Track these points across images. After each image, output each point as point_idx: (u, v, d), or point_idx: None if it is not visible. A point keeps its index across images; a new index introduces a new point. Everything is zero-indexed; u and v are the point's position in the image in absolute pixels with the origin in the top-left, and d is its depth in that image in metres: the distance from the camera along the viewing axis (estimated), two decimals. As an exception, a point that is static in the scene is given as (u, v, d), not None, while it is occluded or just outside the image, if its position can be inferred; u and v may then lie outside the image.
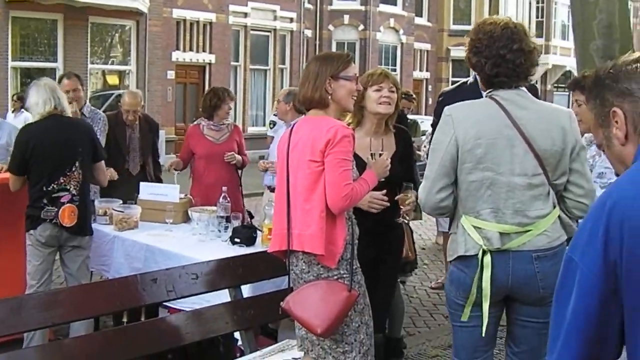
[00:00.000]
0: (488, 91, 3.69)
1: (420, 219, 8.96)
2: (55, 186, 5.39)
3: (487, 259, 3.49)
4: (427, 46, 35.79)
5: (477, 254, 3.52)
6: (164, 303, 4.93)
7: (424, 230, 12.53)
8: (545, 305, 3.58)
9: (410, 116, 12.50)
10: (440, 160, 3.61)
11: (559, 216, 3.62)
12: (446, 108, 3.73)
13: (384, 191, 4.49)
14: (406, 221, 4.83)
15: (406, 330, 7.07)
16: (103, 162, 5.87)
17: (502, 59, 3.57)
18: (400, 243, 5.12)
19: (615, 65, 2.07)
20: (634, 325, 1.84)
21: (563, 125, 3.60)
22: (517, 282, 3.53)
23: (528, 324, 3.69)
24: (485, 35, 3.62)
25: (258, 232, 5.71)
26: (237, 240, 5.57)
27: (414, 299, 8.19)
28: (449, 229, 3.86)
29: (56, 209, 5.40)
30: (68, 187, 5.45)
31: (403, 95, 11.03)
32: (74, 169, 5.46)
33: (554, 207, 3.61)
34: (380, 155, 4.31)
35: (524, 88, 3.69)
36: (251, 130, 25.61)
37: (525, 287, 3.54)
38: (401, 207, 4.68)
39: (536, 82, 37.41)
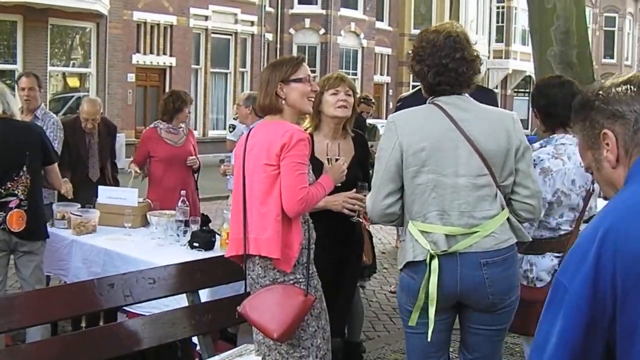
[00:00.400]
0: (430, 98, 3.72)
1: (380, 222, 8.96)
2: (2, 191, 5.32)
3: (435, 263, 3.50)
4: (388, 50, 35.91)
5: (425, 259, 3.54)
6: (123, 308, 4.92)
7: (383, 235, 12.59)
8: (496, 312, 3.62)
9: (370, 120, 12.58)
10: (385, 166, 3.63)
11: (508, 219, 3.64)
12: (390, 115, 3.77)
13: (353, 191, 4.55)
14: (361, 220, 4.86)
15: (366, 334, 7.09)
16: (56, 165, 5.82)
17: (445, 68, 3.61)
18: (361, 244, 5.15)
19: (604, 86, 2.05)
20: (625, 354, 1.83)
21: (507, 127, 3.64)
22: (466, 289, 3.55)
23: (480, 332, 3.72)
24: (429, 44, 3.65)
25: (217, 236, 5.71)
26: (195, 244, 5.57)
27: (374, 303, 8.22)
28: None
29: (4, 214, 5.34)
30: (16, 192, 5.37)
31: (362, 100, 11.14)
32: (21, 174, 5.39)
33: (502, 208, 3.62)
34: (336, 160, 4.35)
35: (466, 94, 3.73)
36: (212, 133, 25.56)
37: (475, 293, 3.56)
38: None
39: (496, 87, 37.79)
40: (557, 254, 4.22)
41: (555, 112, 4.25)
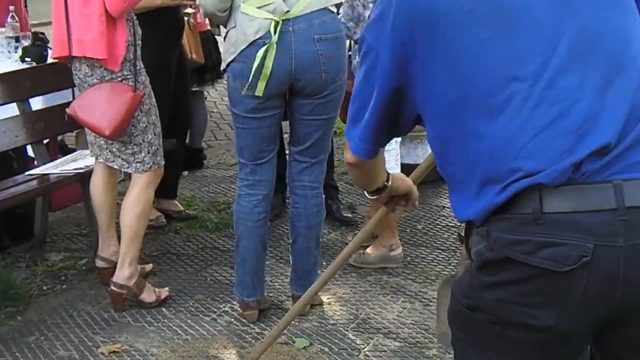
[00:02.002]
0: None
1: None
2: None
3: (278, 29, 3.53)
4: None
5: (263, 35, 3.55)
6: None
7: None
8: (326, 97, 3.72)
9: None
10: None
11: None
12: None
13: None
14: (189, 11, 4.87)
15: (207, 143, 7.20)
16: None
17: None
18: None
19: None
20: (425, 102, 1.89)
21: None
22: (301, 65, 3.60)
23: (312, 122, 3.83)
24: None
25: (49, 49, 5.56)
26: (27, 58, 5.41)
27: (215, 113, 8.28)
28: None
29: None
30: None
31: None
32: None
33: None
34: None
35: None
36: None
37: (310, 70, 3.62)
38: None
39: None
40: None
41: None
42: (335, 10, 3.75)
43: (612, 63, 1.74)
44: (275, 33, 3.55)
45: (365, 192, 2.53)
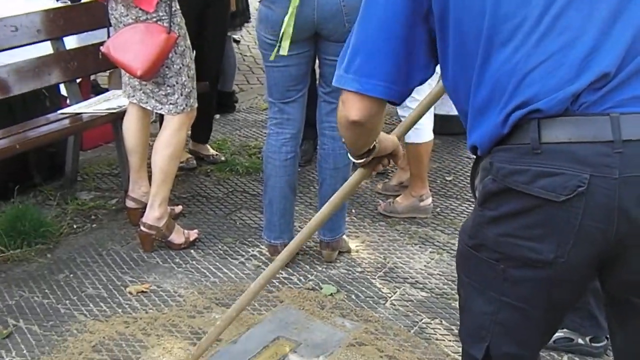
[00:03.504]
0: None
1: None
2: None
3: None
4: None
5: None
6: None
7: None
8: None
9: None
10: None
11: None
12: None
13: None
14: None
15: (240, 86, 7.18)
16: None
17: None
18: None
19: None
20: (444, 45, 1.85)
21: None
22: (323, 16, 3.56)
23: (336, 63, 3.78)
24: None
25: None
26: (63, -3, 5.41)
27: (248, 57, 8.26)
28: None
29: None
30: None
31: None
32: None
33: None
34: None
35: None
36: None
37: (332, 20, 3.58)
38: None
39: None
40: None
41: None
42: None
43: None
44: None
45: (351, 157, 2.30)
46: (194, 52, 4.27)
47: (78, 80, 5.02)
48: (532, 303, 1.85)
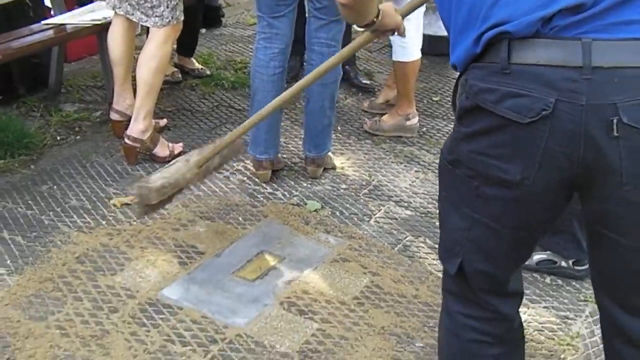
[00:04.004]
0: None
1: None
2: None
3: None
4: None
5: None
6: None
7: None
8: None
9: None
10: None
11: None
12: None
13: None
14: None
15: (226, 1, 7.07)
16: None
17: None
18: None
19: None
20: None
21: None
22: None
23: None
24: None
25: None
26: None
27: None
28: None
29: None
30: None
31: None
32: None
33: None
34: None
35: None
36: None
37: None
38: None
39: None
40: None
41: None
42: None
43: None
44: None
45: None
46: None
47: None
48: (502, 222, 1.86)
